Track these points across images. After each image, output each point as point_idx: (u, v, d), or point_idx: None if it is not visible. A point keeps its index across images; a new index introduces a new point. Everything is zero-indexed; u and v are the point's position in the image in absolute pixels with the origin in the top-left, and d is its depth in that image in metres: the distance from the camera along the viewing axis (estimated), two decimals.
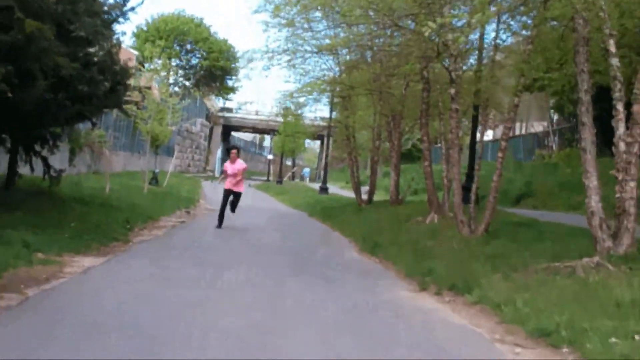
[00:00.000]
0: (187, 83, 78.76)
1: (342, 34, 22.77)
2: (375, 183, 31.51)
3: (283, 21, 23.29)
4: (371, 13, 16.48)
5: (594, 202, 10.78)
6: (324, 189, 45.32)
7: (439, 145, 36.72)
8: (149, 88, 32.48)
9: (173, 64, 68.30)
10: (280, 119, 59.75)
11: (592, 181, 10.92)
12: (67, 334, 6.09)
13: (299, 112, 41.33)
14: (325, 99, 34.89)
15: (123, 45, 20.43)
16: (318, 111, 44.31)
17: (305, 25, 23.97)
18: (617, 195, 10.54)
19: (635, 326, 6.70)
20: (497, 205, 24.51)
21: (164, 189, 31.80)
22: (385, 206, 26.54)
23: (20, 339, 5.82)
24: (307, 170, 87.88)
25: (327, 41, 24.47)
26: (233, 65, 78.64)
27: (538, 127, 48.04)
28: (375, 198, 30.96)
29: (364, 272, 12.25)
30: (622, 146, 10.50)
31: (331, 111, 40.11)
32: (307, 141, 77.23)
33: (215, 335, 6.47)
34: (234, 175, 19.09)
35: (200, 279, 9.74)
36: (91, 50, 14.64)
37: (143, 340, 6.04)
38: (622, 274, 9.22)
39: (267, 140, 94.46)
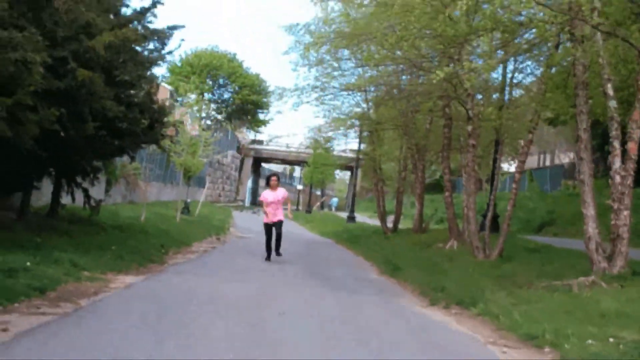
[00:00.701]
0: (219, 116, 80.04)
1: (369, 72, 23.87)
2: (400, 212, 32.54)
3: (312, 60, 24.55)
4: (398, 52, 17.50)
5: (591, 228, 11.82)
6: (351, 218, 46.42)
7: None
8: (182, 122, 33.59)
9: (206, 97, 69.75)
10: (310, 150, 60.77)
11: (589, 210, 11.97)
12: (120, 331, 7.16)
13: (328, 145, 42.29)
14: (353, 133, 36.17)
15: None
16: (348, 143, 45.18)
17: (334, 64, 25.20)
18: (612, 222, 11.54)
19: (613, 332, 7.62)
20: (519, 233, 25.58)
21: (196, 218, 32.84)
22: (409, 234, 27.59)
23: (82, 337, 6.90)
24: (335, 200, 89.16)
25: (354, 79, 25.68)
26: (264, 100, 79.63)
27: (565, 158, 48.73)
28: (401, 226, 32.01)
29: (380, 289, 13.25)
30: (617, 179, 11.54)
31: (360, 144, 41.11)
32: (337, 171, 78.30)
33: (241, 327, 7.49)
34: (276, 203, 17.91)
35: (229, 293, 10.82)
36: (132, 92, 15.74)
37: (178, 332, 7.07)
38: (613, 290, 10.20)
39: (297, 171, 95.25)
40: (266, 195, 18.11)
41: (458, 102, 17.98)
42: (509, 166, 43.45)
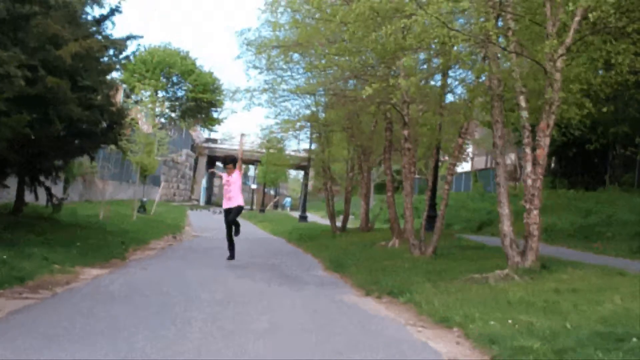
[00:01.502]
0: (173, 114, 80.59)
1: (316, 77, 25.10)
2: (349, 212, 33.88)
3: (263, 63, 25.73)
4: (344, 58, 18.75)
5: (506, 226, 13.29)
6: (303, 218, 47.80)
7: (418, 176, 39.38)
8: (137, 122, 34.49)
9: (160, 95, 70.40)
10: (263, 150, 61.80)
11: (504, 209, 13.45)
12: (89, 310, 8.41)
13: (280, 145, 43.40)
14: (304, 134, 37.49)
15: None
16: (299, 144, 46.13)
17: (284, 67, 26.42)
18: (525, 220, 13.01)
19: (514, 316, 8.98)
20: (461, 232, 27.08)
21: (152, 216, 33.93)
22: (357, 233, 28.97)
23: (61, 316, 8.15)
24: (288, 199, 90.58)
25: (304, 81, 26.87)
26: (218, 98, 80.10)
27: (508, 160, 50.45)
28: (351, 226, 33.39)
29: (324, 282, 14.60)
30: (529, 182, 12.99)
31: (310, 144, 42.29)
32: (291, 171, 79.54)
33: (197, 303, 8.76)
34: (229, 185, 17.35)
35: (183, 283, 12.13)
36: (93, 95, 16.95)
37: (142, 304, 8.34)
38: (523, 282, 11.65)
39: (252, 170, 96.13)
40: (223, 175, 17.72)
41: (393, 109, 19.20)
42: (460, 166, 45.15)
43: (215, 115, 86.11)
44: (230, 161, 17.82)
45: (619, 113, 23.78)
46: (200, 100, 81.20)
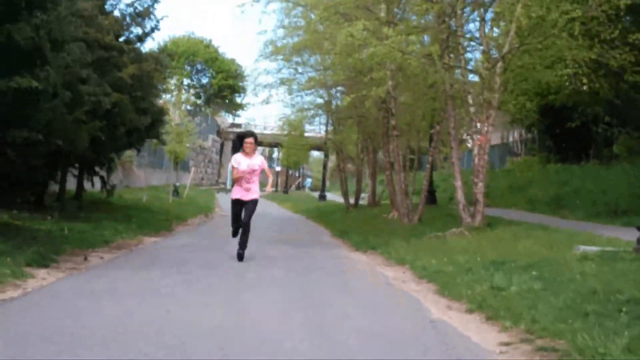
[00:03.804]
0: (198, 101, 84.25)
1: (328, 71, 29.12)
2: (360, 190, 38.03)
3: (280, 58, 29.84)
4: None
5: (460, 195, 17.49)
6: (322, 197, 52.02)
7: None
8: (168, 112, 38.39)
9: (185, 83, 74.09)
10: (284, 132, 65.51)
11: (458, 182, 17.63)
12: (154, 258, 12.53)
13: (298, 130, 47.19)
14: (318, 121, 41.61)
15: None
16: (317, 128, 49.75)
17: (299, 60, 30.55)
18: (473, 190, 17.11)
19: (452, 257, 12.90)
20: (453, 205, 31.04)
21: (184, 199, 37.96)
22: (366, 208, 33.15)
23: (141, 259, 12.31)
24: (309, 180, 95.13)
25: (317, 74, 30.91)
26: (241, 84, 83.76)
27: (510, 137, 54.12)
28: (363, 202, 37.57)
29: (328, 245, 18.79)
30: (475, 160, 17.08)
31: (327, 129, 46.24)
32: (314, 152, 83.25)
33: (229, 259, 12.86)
34: (250, 174, 13.54)
35: (216, 243, 16.29)
36: (143, 101, 21.08)
37: (195, 257, 12.43)
38: (470, 236, 15.70)
39: (276, 153, 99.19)
40: (238, 159, 13.63)
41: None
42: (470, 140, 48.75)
43: (238, 100, 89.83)
44: (250, 134, 13.87)
45: (595, 95, 27.29)
46: (223, 87, 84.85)
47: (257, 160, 13.69)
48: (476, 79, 18.25)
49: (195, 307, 8.19)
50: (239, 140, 13.88)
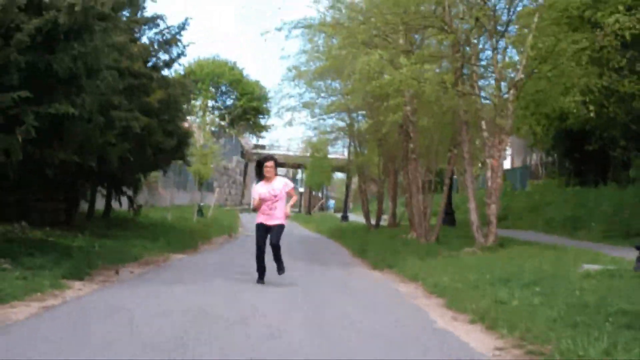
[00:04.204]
0: (223, 123, 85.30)
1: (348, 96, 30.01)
2: (381, 210, 38.77)
3: (302, 83, 30.79)
4: None
5: (473, 217, 18.09)
6: (344, 217, 52.70)
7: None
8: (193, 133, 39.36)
9: (209, 104, 75.13)
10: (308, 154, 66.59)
11: (472, 204, 18.32)
12: (181, 272, 13.29)
13: (321, 152, 48.10)
14: (340, 143, 42.51)
15: None
16: (339, 150, 50.74)
17: (322, 85, 31.49)
18: (486, 212, 17.80)
19: (462, 274, 13.59)
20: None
21: (208, 219, 38.79)
22: (387, 229, 33.86)
23: (169, 273, 13.09)
24: (332, 202, 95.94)
25: (337, 98, 31.81)
26: (265, 105, 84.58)
27: (531, 160, 54.74)
28: (384, 223, 38.29)
29: (347, 264, 19.55)
30: (488, 183, 17.76)
31: (349, 151, 47.07)
32: (337, 174, 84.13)
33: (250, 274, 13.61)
34: (272, 200, 12.97)
35: (239, 261, 17.05)
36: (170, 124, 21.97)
37: (221, 273, 13.18)
38: (483, 255, 16.39)
39: (300, 174, 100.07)
40: (259, 190, 13.10)
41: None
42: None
43: (262, 122, 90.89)
44: (270, 158, 13.46)
45: (611, 120, 27.94)
46: (248, 108, 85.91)
47: (279, 184, 13.06)
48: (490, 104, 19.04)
49: (218, 317, 8.95)
50: (259, 167, 13.29)
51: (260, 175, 13.23)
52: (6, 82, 11.19)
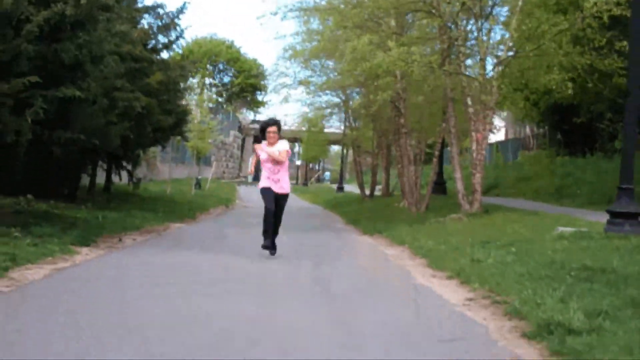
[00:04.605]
0: (220, 99, 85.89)
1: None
2: (375, 181, 39.66)
3: (299, 61, 31.54)
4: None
5: (459, 186, 18.95)
6: (340, 189, 53.70)
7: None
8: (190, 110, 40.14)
9: (207, 82, 75.72)
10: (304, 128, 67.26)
11: (457, 174, 19.17)
12: (179, 240, 14.09)
13: (317, 127, 48.85)
14: (335, 117, 43.26)
15: None
16: (334, 124, 51.36)
17: (317, 63, 32.24)
18: (472, 181, 18.63)
19: (446, 239, 14.36)
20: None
21: (206, 192, 39.57)
22: (380, 198, 34.72)
23: (169, 240, 13.90)
24: (327, 173, 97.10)
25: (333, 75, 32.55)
26: (262, 82, 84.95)
27: (522, 132, 55.59)
28: (378, 193, 39.18)
29: (340, 230, 20.42)
30: (474, 155, 18.59)
31: (344, 125, 47.84)
32: (333, 146, 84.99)
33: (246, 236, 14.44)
34: (276, 163, 12.47)
35: (237, 229, 17.87)
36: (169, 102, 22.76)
37: (217, 238, 14.00)
38: (467, 221, 17.22)
39: (296, 147, 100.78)
40: (259, 151, 12.70)
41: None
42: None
43: (259, 98, 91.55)
44: (273, 123, 12.81)
45: (598, 94, 28.71)
46: (245, 85, 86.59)
47: (281, 147, 12.45)
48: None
49: (217, 275, 9.80)
50: (262, 132, 12.73)
51: (261, 140, 12.78)
52: (16, 69, 11.97)
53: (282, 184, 12.57)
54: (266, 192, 12.45)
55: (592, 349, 5.61)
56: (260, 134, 12.89)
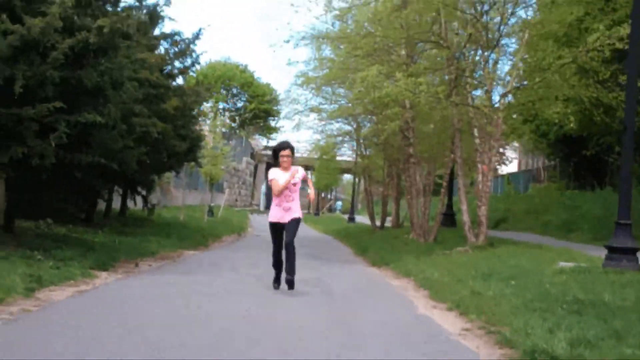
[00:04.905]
0: (233, 124, 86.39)
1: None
2: (386, 212, 40.15)
3: (311, 88, 32.12)
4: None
5: (465, 217, 19.43)
6: (351, 219, 54.07)
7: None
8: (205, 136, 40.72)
9: (220, 107, 76.27)
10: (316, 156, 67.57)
11: (464, 206, 19.62)
12: (193, 266, 14.65)
13: (328, 155, 49.33)
14: (347, 145, 43.82)
15: None
16: (346, 153, 51.79)
17: (329, 90, 32.82)
18: (477, 213, 19.12)
19: (451, 270, 14.88)
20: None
21: (219, 219, 40.10)
22: (390, 229, 35.21)
23: (185, 266, 14.44)
24: (339, 203, 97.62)
25: (344, 102, 33.15)
26: (275, 107, 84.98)
27: (534, 164, 56.09)
28: (389, 225, 39.66)
29: (348, 261, 20.94)
30: (480, 187, 19.09)
31: (356, 153, 48.32)
32: (346, 175, 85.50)
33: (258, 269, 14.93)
34: (289, 190, 12.00)
35: (248, 258, 18.39)
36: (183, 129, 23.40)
37: (231, 267, 14.50)
38: (473, 254, 17.69)
39: (308, 175, 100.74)
40: (276, 175, 12.04)
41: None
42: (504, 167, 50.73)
43: (272, 123, 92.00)
44: (286, 146, 12.27)
45: (608, 127, 29.18)
46: (258, 111, 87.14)
47: (297, 174, 12.03)
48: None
49: (229, 301, 10.33)
50: (274, 156, 12.22)
51: (275, 166, 12.23)
52: (42, 94, 12.62)
53: (291, 210, 11.95)
54: (274, 230, 12.15)
55: None
56: (273, 159, 12.32)
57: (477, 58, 20.98)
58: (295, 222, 11.97)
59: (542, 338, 7.43)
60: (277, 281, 12.32)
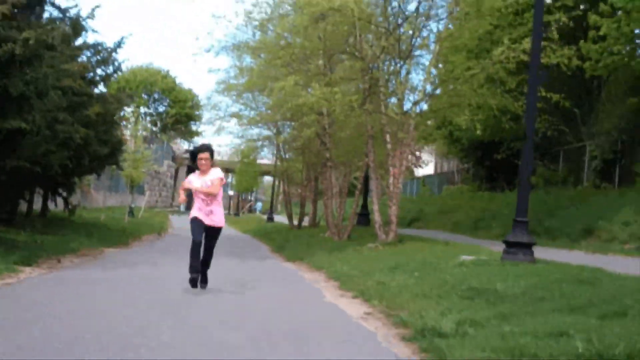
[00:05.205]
0: (154, 128, 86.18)
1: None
2: (304, 213, 41.03)
3: (232, 94, 32.81)
4: None
5: (377, 216, 20.42)
6: (270, 219, 54.94)
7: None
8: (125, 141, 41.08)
9: (142, 111, 76.18)
10: (237, 159, 68.34)
11: (375, 206, 20.59)
12: (111, 264, 15.25)
13: (249, 158, 50.21)
14: (267, 149, 44.67)
15: None
16: (266, 155, 52.63)
17: (249, 96, 33.54)
18: (388, 212, 20.10)
19: (358, 264, 15.71)
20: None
21: (140, 220, 40.44)
22: (307, 229, 36.10)
23: (106, 262, 15.03)
24: (259, 204, 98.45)
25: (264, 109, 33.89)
26: (197, 112, 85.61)
27: (447, 167, 57.75)
28: (306, 224, 40.56)
29: (265, 257, 21.75)
30: (391, 188, 20.09)
31: (276, 157, 49.14)
32: (266, 177, 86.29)
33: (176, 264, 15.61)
34: (208, 193, 11.58)
35: (167, 256, 19.03)
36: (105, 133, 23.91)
37: (151, 262, 15.15)
38: (382, 250, 18.64)
39: (230, 178, 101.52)
40: (192, 180, 11.81)
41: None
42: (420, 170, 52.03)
43: (194, 128, 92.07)
44: (204, 149, 11.82)
45: (515, 133, 30.45)
46: (180, 115, 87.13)
47: (214, 176, 11.62)
48: None
49: (150, 289, 11.03)
50: (193, 159, 11.86)
51: (194, 169, 12.02)
52: None
53: (214, 216, 11.72)
54: (195, 222, 11.61)
55: (453, 347, 6.97)
56: (191, 161, 11.99)
57: (391, 68, 21.97)
58: (218, 230, 11.98)
59: (434, 319, 8.29)
60: (194, 282, 11.68)
